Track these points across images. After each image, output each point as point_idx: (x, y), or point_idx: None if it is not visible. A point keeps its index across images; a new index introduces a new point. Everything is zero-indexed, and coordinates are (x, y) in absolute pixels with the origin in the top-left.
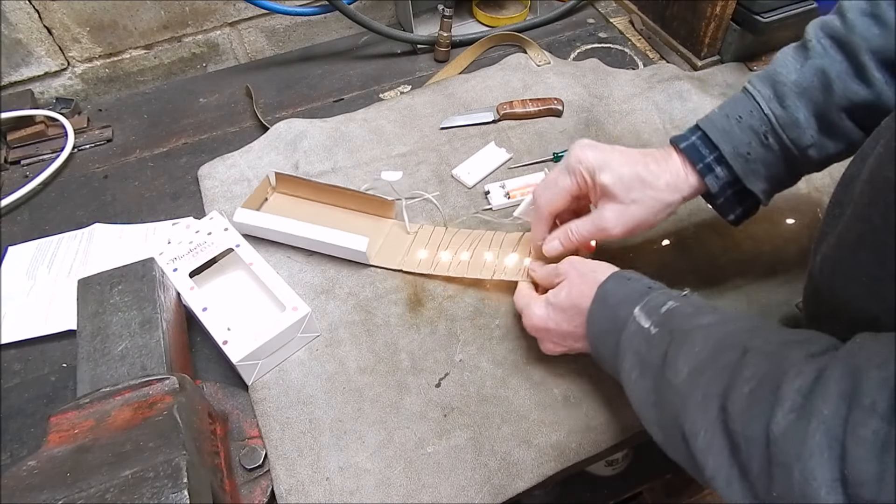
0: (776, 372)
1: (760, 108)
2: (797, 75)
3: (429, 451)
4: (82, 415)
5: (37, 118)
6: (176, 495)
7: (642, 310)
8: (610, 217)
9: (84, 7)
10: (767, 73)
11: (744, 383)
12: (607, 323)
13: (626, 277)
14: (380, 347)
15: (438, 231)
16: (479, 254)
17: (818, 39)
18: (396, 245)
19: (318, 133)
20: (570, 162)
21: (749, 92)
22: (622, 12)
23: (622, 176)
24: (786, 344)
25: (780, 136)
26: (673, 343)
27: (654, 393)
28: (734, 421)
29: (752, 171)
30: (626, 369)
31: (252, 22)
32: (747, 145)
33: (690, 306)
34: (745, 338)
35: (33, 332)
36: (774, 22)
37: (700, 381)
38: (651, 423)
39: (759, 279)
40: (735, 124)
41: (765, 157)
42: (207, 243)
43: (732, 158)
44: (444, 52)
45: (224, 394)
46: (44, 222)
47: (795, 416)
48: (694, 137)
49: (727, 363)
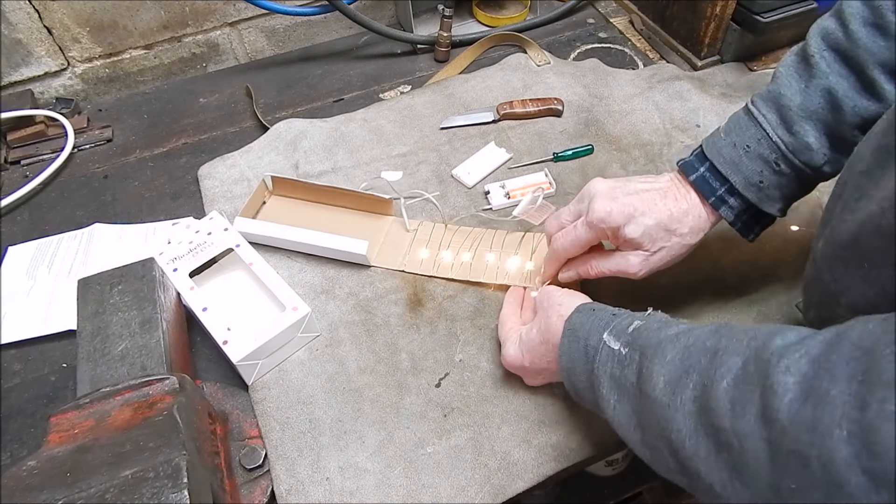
0: (756, 363)
1: (768, 136)
2: (802, 98)
3: (429, 451)
4: (82, 415)
5: (37, 118)
6: (176, 495)
7: (611, 333)
8: (635, 262)
9: (84, 7)
10: (771, 95)
11: (720, 379)
12: (579, 354)
13: (590, 308)
14: (380, 347)
15: (438, 228)
16: (480, 255)
17: (821, 54)
18: (397, 244)
19: (318, 133)
20: (592, 218)
21: (754, 117)
22: (622, 12)
23: (648, 228)
24: (754, 338)
25: (792, 162)
26: (644, 358)
27: (636, 414)
28: (720, 418)
29: (767, 197)
30: (605, 395)
31: (252, 22)
32: (759, 174)
33: (656, 322)
34: (713, 340)
35: (33, 332)
36: (774, 22)
37: (677, 388)
38: (638, 445)
39: (760, 279)
40: (743, 154)
41: (778, 182)
42: (207, 243)
43: (745, 189)
44: (444, 52)
45: (224, 394)
46: (44, 222)
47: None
48: (702, 169)
49: (699, 365)
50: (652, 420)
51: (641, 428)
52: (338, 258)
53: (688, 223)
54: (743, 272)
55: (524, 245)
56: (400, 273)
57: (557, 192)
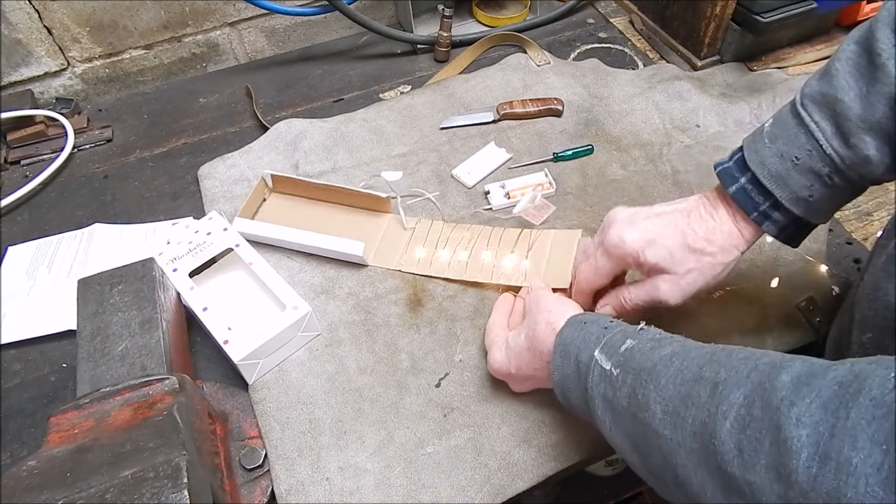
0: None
1: (821, 148)
2: (863, 107)
3: (429, 451)
4: (82, 415)
5: (37, 118)
6: (176, 495)
7: (602, 351)
8: (665, 290)
9: (84, 7)
10: (826, 99)
11: (722, 418)
12: (571, 370)
13: (582, 321)
14: (380, 347)
15: (436, 226)
16: (477, 253)
17: (890, 55)
18: (394, 242)
19: (318, 133)
20: (609, 248)
21: (805, 124)
22: (622, 12)
23: (671, 250)
24: (755, 369)
25: (847, 175)
26: (638, 383)
27: (632, 437)
28: (727, 463)
29: (818, 210)
30: (600, 416)
31: (252, 22)
32: (808, 188)
33: (649, 342)
34: (710, 369)
35: (33, 332)
36: (774, 22)
37: (676, 420)
38: (639, 468)
39: (759, 279)
40: (792, 167)
41: (830, 195)
42: (207, 243)
43: (792, 204)
44: (444, 52)
45: (224, 394)
46: (44, 222)
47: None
48: (743, 180)
49: (699, 400)
50: (653, 449)
51: (640, 453)
52: (336, 258)
53: (717, 242)
54: (742, 272)
55: (521, 243)
56: (400, 273)
57: (557, 192)
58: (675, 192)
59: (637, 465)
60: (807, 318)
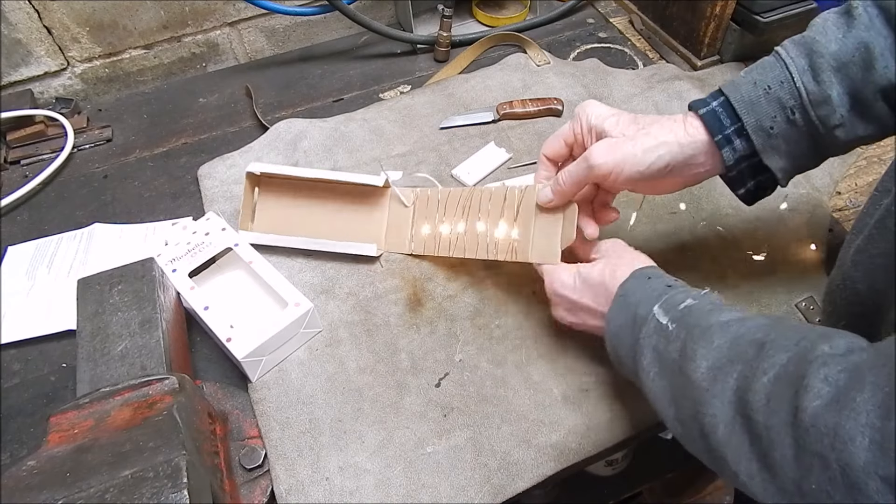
0: (798, 363)
1: (792, 80)
2: (838, 46)
3: (428, 451)
4: (82, 415)
5: (36, 118)
6: (176, 495)
7: (661, 307)
8: (597, 150)
9: (84, 7)
10: (804, 40)
11: (762, 374)
12: (627, 321)
13: (646, 276)
14: (379, 347)
15: (434, 195)
16: (472, 225)
17: (865, 8)
18: (400, 224)
19: (317, 133)
20: (576, 109)
21: (782, 59)
22: (622, 12)
23: (616, 115)
24: (805, 338)
25: (808, 113)
26: (690, 338)
27: (673, 388)
28: (755, 411)
29: (773, 147)
30: (645, 367)
31: (252, 22)
32: (772, 119)
33: (709, 304)
34: (763, 333)
35: (33, 331)
36: (774, 22)
37: (718, 374)
38: (670, 419)
39: (759, 279)
40: (763, 94)
41: (788, 133)
42: (206, 243)
43: (754, 132)
44: (444, 52)
45: (224, 394)
46: (43, 222)
47: (824, 404)
48: (715, 104)
49: (745, 356)
50: (688, 399)
51: (676, 404)
52: (347, 253)
53: (667, 127)
54: (742, 271)
55: (508, 205)
56: (400, 273)
57: None
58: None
59: (669, 416)
60: (807, 318)
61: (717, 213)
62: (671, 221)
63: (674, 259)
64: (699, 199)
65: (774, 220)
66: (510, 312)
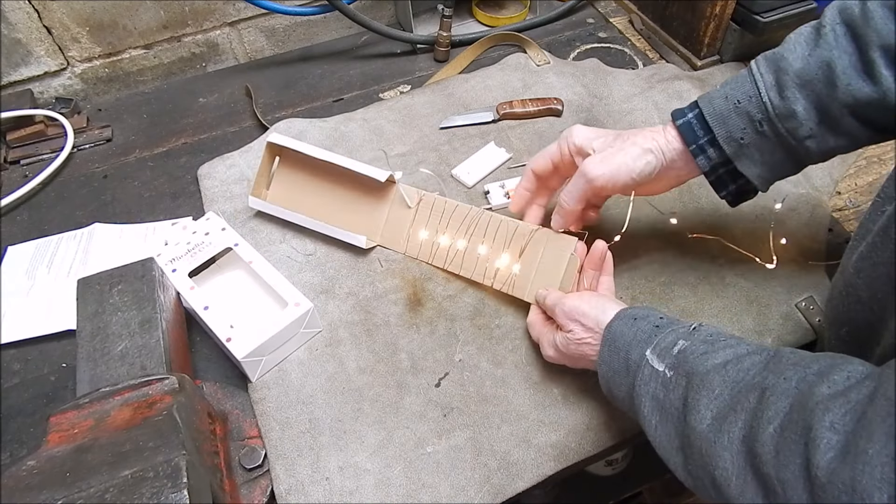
0: (801, 410)
1: (759, 95)
2: (802, 64)
3: (428, 450)
4: (82, 415)
5: (36, 118)
6: (176, 495)
7: (654, 352)
8: (591, 164)
9: (84, 7)
10: (774, 56)
11: (767, 423)
12: (619, 366)
13: (632, 317)
14: (379, 347)
15: (438, 204)
16: (473, 245)
17: (833, 26)
18: (399, 223)
19: (317, 133)
20: (563, 133)
21: (752, 74)
22: (622, 12)
23: (600, 135)
24: (803, 379)
25: (776, 126)
26: (691, 387)
27: (679, 437)
28: (765, 464)
29: (746, 156)
30: (646, 415)
31: (252, 22)
32: (741, 130)
33: (702, 344)
34: (761, 377)
35: (33, 331)
36: (774, 22)
37: (724, 425)
38: (679, 468)
39: (759, 279)
40: (733, 108)
41: (760, 144)
42: (205, 243)
43: (725, 142)
44: (444, 52)
45: (224, 394)
46: (43, 222)
47: (836, 456)
48: (691, 115)
49: (748, 405)
50: (696, 450)
51: (684, 453)
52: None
53: (649, 136)
54: (742, 271)
55: (515, 241)
56: (400, 273)
57: None
58: (675, 192)
59: (678, 465)
60: (807, 318)
61: (716, 214)
62: (670, 222)
63: (673, 260)
64: (698, 199)
65: (774, 220)
66: (510, 312)
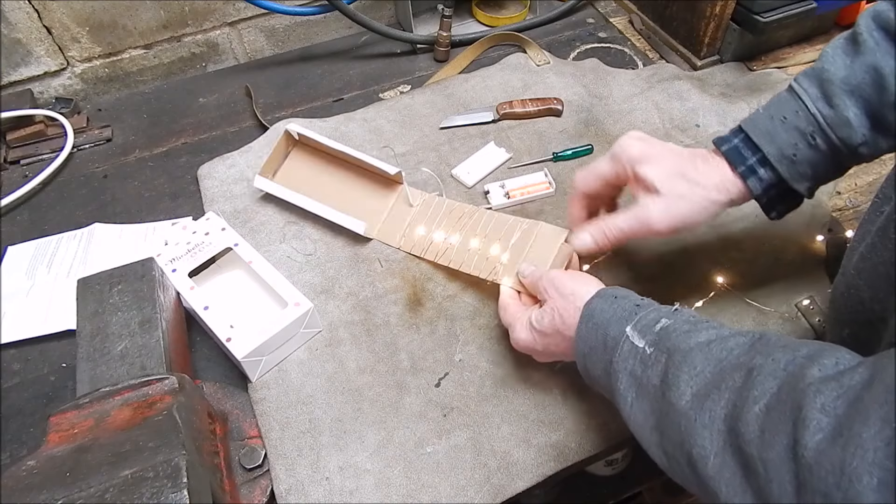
0: (790, 391)
1: (806, 108)
2: (846, 72)
3: (428, 450)
4: (82, 415)
5: (36, 118)
6: (176, 495)
7: (634, 328)
8: (655, 211)
9: (84, 7)
10: (815, 71)
11: (753, 403)
12: (597, 342)
13: (612, 295)
14: (379, 347)
15: (439, 203)
16: (467, 239)
17: (870, 33)
18: (399, 218)
19: (317, 133)
20: (615, 150)
21: (794, 91)
22: (622, 12)
23: (666, 170)
24: (792, 361)
25: (829, 136)
26: (671, 363)
27: (655, 415)
28: (748, 443)
29: (798, 173)
30: (622, 391)
31: (252, 22)
32: (793, 146)
33: (685, 323)
34: (748, 357)
35: (33, 331)
36: (774, 22)
37: (706, 403)
38: (652, 447)
39: (759, 279)
40: (779, 125)
41: (811, 158)
42: (205, 243)
43: (777, 161)
44: (444, 52)
45: (224, 394)
46: (43, 222)
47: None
48: (736, 140)
49: (733, 384)
50: (673, 428)
51: (660, 431)
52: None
53: (712, 178)
54: (742, 271)
55: (507, 232)
56: (400, 273)
57: (557, 192)
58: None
59: (651, 444)
60: (807, 318)
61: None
62: None
63: (673, 260)
64: None
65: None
66: None
